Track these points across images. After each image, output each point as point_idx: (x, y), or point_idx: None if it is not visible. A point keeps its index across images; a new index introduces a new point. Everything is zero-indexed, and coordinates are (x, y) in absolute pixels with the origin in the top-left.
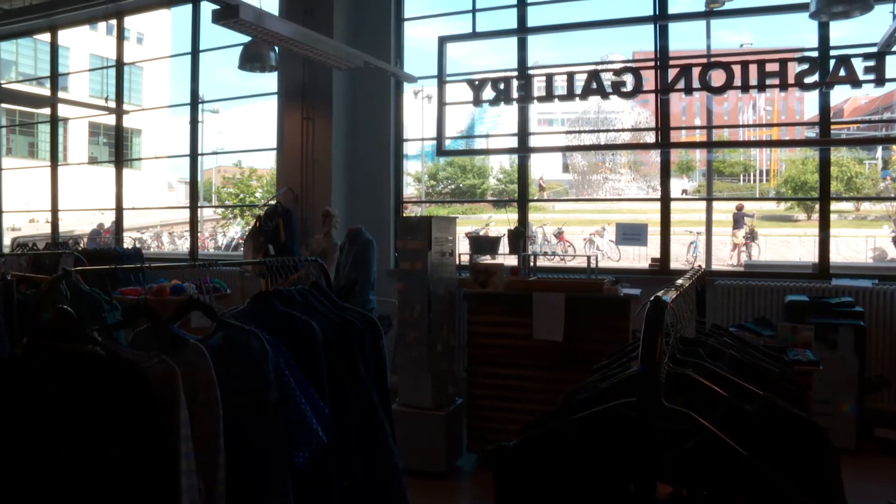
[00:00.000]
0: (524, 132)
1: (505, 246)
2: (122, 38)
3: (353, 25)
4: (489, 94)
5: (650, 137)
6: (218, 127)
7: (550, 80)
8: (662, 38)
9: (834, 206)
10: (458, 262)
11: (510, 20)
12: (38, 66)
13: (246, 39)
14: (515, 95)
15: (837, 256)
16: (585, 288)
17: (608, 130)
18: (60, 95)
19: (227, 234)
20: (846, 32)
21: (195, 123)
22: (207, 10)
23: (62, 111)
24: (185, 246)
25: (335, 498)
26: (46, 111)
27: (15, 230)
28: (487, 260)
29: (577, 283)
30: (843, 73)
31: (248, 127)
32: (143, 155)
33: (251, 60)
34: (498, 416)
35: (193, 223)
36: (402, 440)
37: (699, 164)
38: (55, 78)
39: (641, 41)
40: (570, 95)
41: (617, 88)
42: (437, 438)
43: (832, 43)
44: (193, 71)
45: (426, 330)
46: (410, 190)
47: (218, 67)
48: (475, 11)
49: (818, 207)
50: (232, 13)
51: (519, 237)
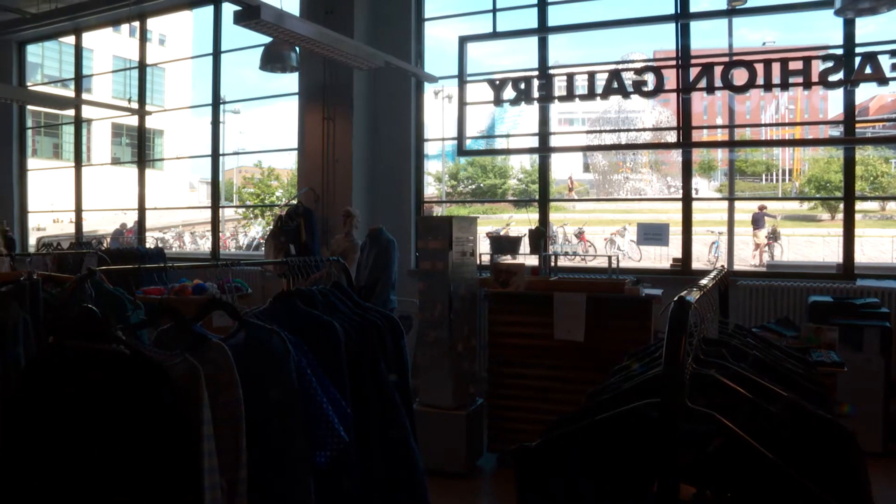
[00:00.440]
0: (545, 132)
1: (526, 246)
2: (144, 39)
3: (373, 25)
4: (510, 93)
5: (671, 137)
6: (239, 127)
7: (571, 79)
8: (684, 36)
9: (859, 205)
10: (478, 261)
11: (531, 20)
12: (62, 68)
13: (267, 40)
14: (536, 95)
15: (862, 257)
16: (607, 288)
17: (629, 130)
18: (84, 97)
19: (248, 233)
20: (873, 29)
21: (217, 124)
22: (229, 11)
23: (86, 112)
24: (206, 246)
25: (356, 497)
26: (71, 112)
27: (40, 230)
28: (508, 260)
29: (598, 283)
30: (869, 70)
31: (268, 127)
32: (165, 155)
33: (272, 61)
34: (519, 416)
35: (215, 223)
36: (422, 440)
37: (721, 163)
38: (79, 80)
39: (662, 40)
40: (591, 95)
41: (638, 88)
42: (457, 438)
43: (857, 40)
44: (215, 72)
45: (447, 330)
46: (431, 190)
47: (239, 68)
48: (495, 11)
49: (843, 207)
50: (253, 14)
51: (540, 237)
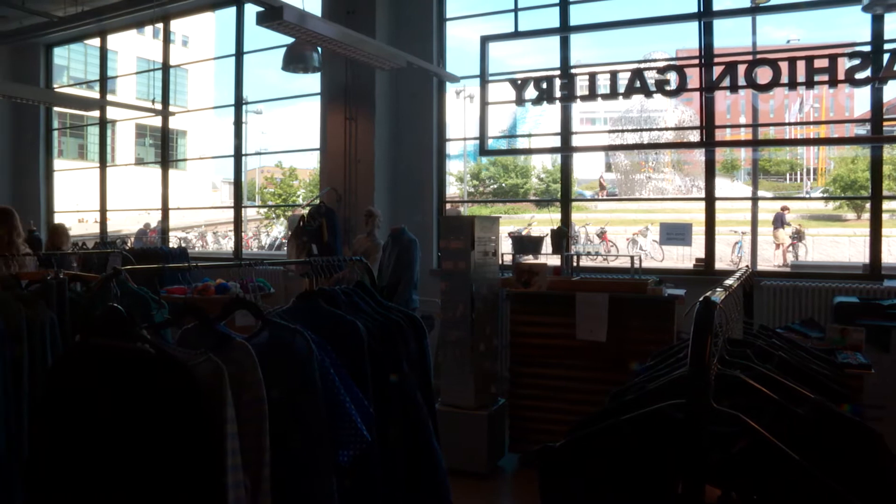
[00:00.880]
0: (567, 131)
1: (548, 246)
2: (168, 41)
3: (395, 26)
4: (532, 93)
5: (694, 136)
6: (261, 128)
7: (593, 78)
8: (707, 35)
9: (886, 204)
10: (500, 261)
11: (552, 19)
12: (87, 70)
13: (289, 41)
14: (558, 94)
15: (889, 257)
16: (629, 288)
17: (651, 129)
18: (109, 98)
19: (270, 233)
20: None
21: (239, 124)
22: (251, 12)
23: (110, 113)
24: (228, 245)
25: (378, 496)
26: (96, 114)
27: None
28: (530, 260)
29: (620, 283)
30: None
31: (290, 128)
32: (187, 156)
33: (294, 62)
34: (540, 416)
35: (237, 223)
36: (443, 440)
37: (744, 162)
38: (104, 81)
39: (685, 39)
40: (613, 94)
41: (661, 87)
42: (479, 438)
43: (886, 36)
44: (237, 72)
45: (469, 330)
46: (453, 189)
47: (261, 68)
48: (517, 11)
49: (869, 206)
50: (276, 15)
51: (562, 237)
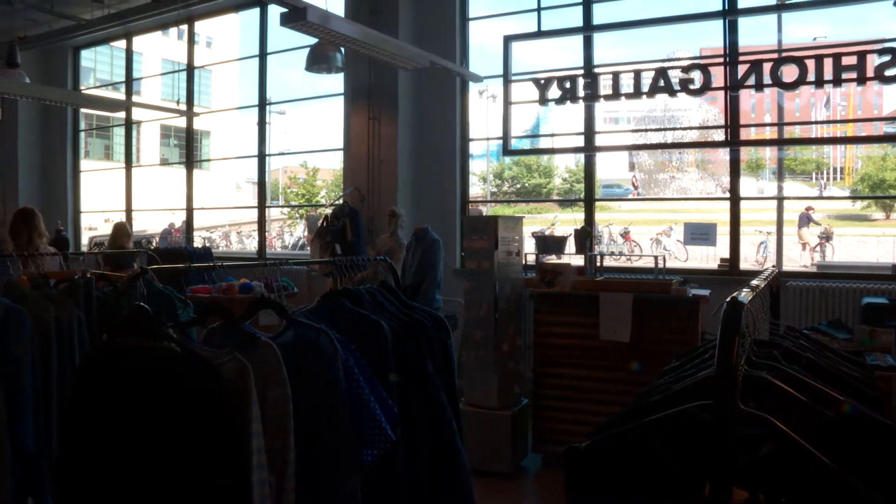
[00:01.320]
0: (590, 131)
1: (571, 245)
2: (192, 42)
3: (418, 26)
4: (555, 92)
5: (718, 135)
6: (284, 128)
7: (617, 78)
8: (732, 33)
9: None
10: (524, 261)
11: (576, 18)
12: (113, 71)
13: (312, 41)
14: (582, 94)
15: None
16: (653, 288)
17: (675, 129)
18: (135, 99)
19: (293, 233)
20: None
21: (263, 125)
22: (274, 13)
23: (136, 114)
24: (252, 245)
25: (402, 496)
26: (121, 115)
27: (91, 229)
28: (553, 259)
29: (644, 283)
30: None
31: (313, 128)
32: (211, 156)
33: (318, 62)
34: (564, 416)
35: (261, 223)
36: (467, 440)
37: (769, 162)
38: (130, 83)
39: (709, 37)
40: (636, 93)
41: (685, 86)
42: (502, 438)
43: None
44: (261, 73)
45: (492, 330)
46: (476, 189)
47: (284, 69)
48: (540, 10)
49: None
50: (300, 16)
51: (586, 237)
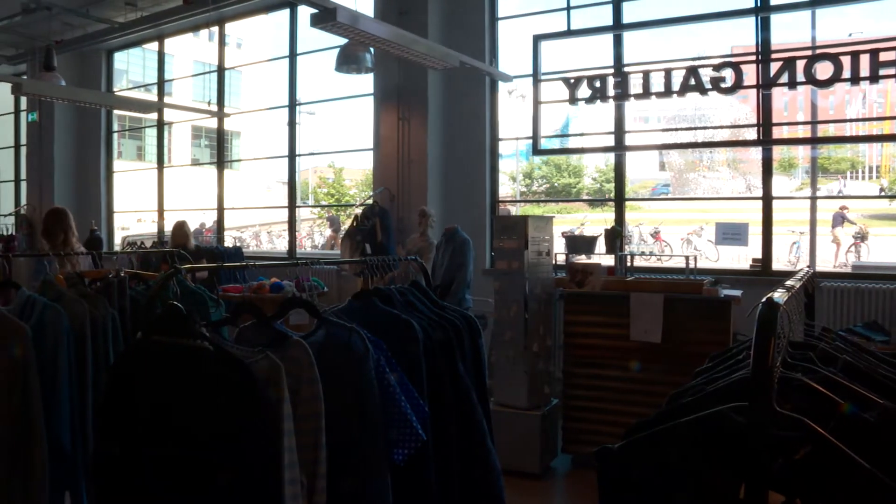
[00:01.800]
0: (620, 130)
1: (601, 245)
2: (223, 44)
3: (447, 25)
4: (585, 92)
5: (750, 134)
6: (314, 128)
7: (647, 76)
8: (764, 30)
9: None
10: (554, 261)
11: (605, 17)
12: (146, 73)
13: (342, 42)
14: (612, 93)
15: None
16: (684, 288)
17: (706, 128)
18: (166, 101)
19: (323, 233)
20: None
21: (293, 125)
22: (304, 14)
23: (168, 115)
24: (282, 245)
25: (433, 495)
26: (153, 116)
27: (124, 229)
28: (583, 259)
29: (675, 283)
30: None
31: (341, 128)
32: (241, 156)
33: (347, 62)
34: (594, 417)
35: (292, 222)
36: (496, 440)
37: (802, 160)
38: (162, 84)
39: (740, 34)
40: (667, 92)
41: (716, 84)
42: (532, 439)
43: None
44: (291, 74)
45: (522, 330)
46: (505, 189)
47: (313, 69)
48: (569, 9)
49: None
50: (329, 16)
51: (616, 236)
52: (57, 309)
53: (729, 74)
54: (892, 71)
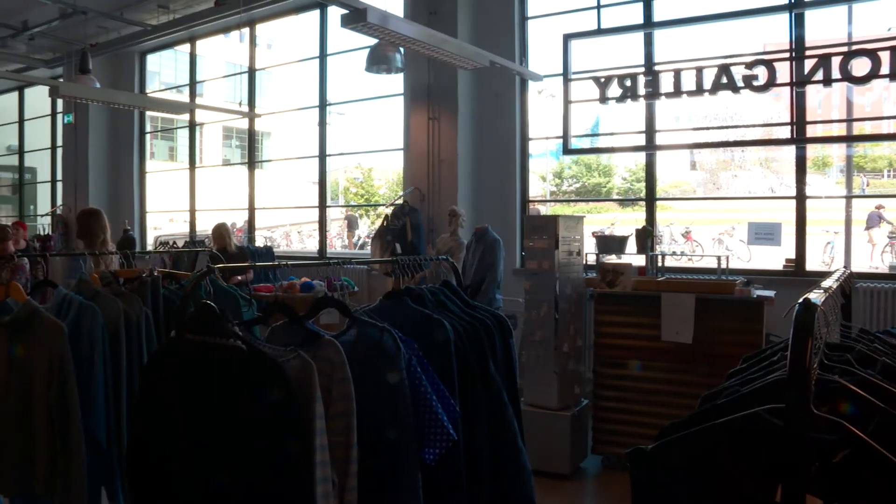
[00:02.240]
0: (651, 129)
1: (632, 245)
2: (253, 45)
3: (477, 25)
4: (615, 91)
5: (783, 133)
6: (343, 128)
7: (678, 75)
8: (798, 26)
9: None
10: (584, 261)
11: (636, 15)
12: (177, 75)
13: (371, 42)
14: (642, 92)
15: None
16: (716, 289)
17: (738, 126)
18: (198, 102)
19: (353, 232)
20: None
21: (323, 126)
22: (334, 14)
23: (199, 116)
24: (312, 245)
25: (463, 495)
26: (185, 117)
27: (156, 229)
28: (614, 259)
29: (707, 283)
30: None
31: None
32: (271, 156)
33: (378, 63)
34: (624, 418)
35: (322, 222)
36: (526, 440)
37: (837, 159)
38: (193, 85)
39: (773, 31)
40: (698, 91)
41: (748, 82)
42: (562, 439)
43: None
44: (321, 75)
45: (553, 330)
46: (535, 189)
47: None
48: (600, 7)
49: None
50: (360, 17)
51: (647, 236)
52: (93, 307)
53: (762, 72)
54: None
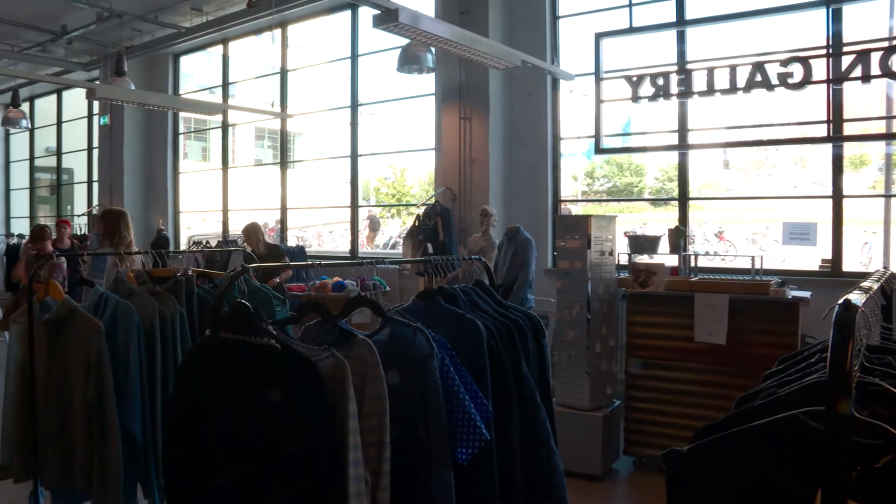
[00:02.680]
0: (684, 128)
1: (664, 245)
2: (285, 46)
3: (508, 25)
4: (647, 89)
5: (819, 131)
6: (375, 128)
7: (711, 73)
8: (836, 22)
9: None
10: (616, 261)
11: (668, 13)
12: (210, 76)
13: (402, 42)
14: (675, 91)
15: None
16: (750, 289)
17: (772, 125)
18: (230, 102)
19: (384, 232)
20: None
21: (355, 126)
22: (365, 15)
23: (231, 117)
24: (343, 244)
25: (495, 495)
26: (218, 118)
27: (189, 229)
28: (647, 259)
29: (741, 284)
30: None
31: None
32: (302, 156)
33: (409, 63)
34: (656, 419)
35: (354, 222)
36: (558, 440)
37: (876, 157)
38: (226, 87)
39: (808, 28)
40: (732, 89)
41: (783, 80)
42: (593, 440)
43: None
44: (353, 75)
45: (585, 330)
46: (567, 188)
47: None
48: (632, 6)
49: None
50: (391, 17)
51: (680, 236)
52: (129, 306)
53: (797, 69)
54: None
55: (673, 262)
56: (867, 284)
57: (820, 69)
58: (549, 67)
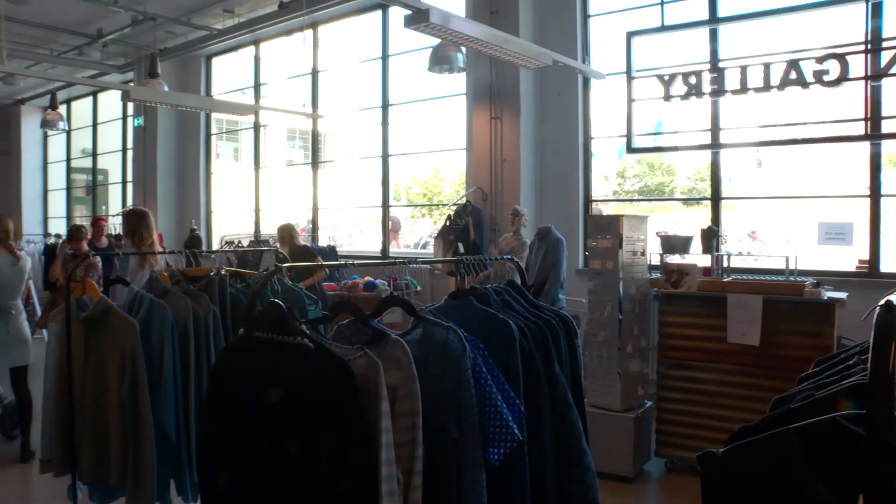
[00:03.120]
0: (716, 127)
1: (697, 245)
2: (316, 46)
3: (539, 24)
4: (679, 88)
5: (856, 129)
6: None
7: (744, 71)
8: (875, 17)
9: None
10: (648, 261)
11: (700, 11)
12: (242, 77)
13: (432, 42)
14: (707, 89)
15: None
16: (784, 290)
17: (806, 123)
18: (262, 103)
19: (416, 232)
20: None
21: (386, 126)
22: (396, 15)
23: (263, 118)
24: (374, 244)
25: (527, 495)
26: (250, 118)
27: (221, 228)
28: (679, 259)
29: (774, 284)
30: None
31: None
32: (332, 156)
33: (440, 63)
34: (688, 420)
35: (385, 222)
36: (589, 441)
37: None
38: (258, 87)
39: (844, 25)
40: (766, 87)
41: (819, 77)
42: (624, 441)
43: None
44: (384, 75)
45: (616, 330)
46: (598, 188)
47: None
48: (663, 4)
49: None
50: (422, 17)
51: (712, 236)
52: (163, 305)
53: (833, 66)
54: None
55: (705, 262)
56: None
57: (857, 66)
58: (580, 67)
